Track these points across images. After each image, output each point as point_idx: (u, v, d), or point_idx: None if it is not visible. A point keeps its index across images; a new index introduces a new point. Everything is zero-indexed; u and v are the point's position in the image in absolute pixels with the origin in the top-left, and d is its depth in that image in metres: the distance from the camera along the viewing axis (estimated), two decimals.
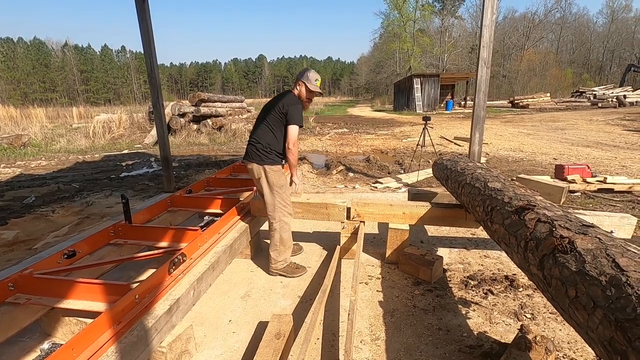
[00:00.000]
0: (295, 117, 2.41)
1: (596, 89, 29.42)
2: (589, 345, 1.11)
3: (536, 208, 1.63)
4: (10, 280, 1.78)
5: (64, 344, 1.30)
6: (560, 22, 53.43)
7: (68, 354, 1.29)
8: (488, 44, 4.06)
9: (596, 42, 56.51)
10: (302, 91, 2.52)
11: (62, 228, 3.83)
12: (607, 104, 24.44)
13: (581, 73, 50.53)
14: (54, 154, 9.24)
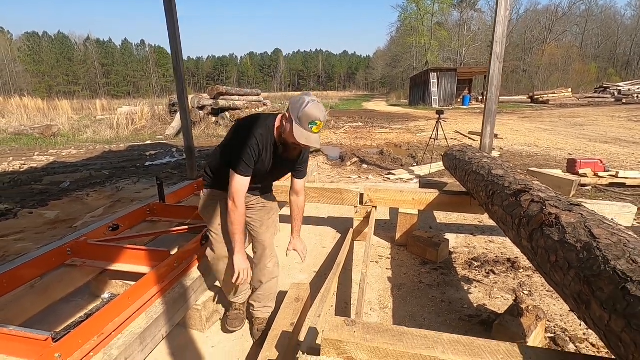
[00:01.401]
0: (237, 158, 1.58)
1: (621, 85, 28.48)
2: (564, 300, 1.30)
3: (532, 191, 1.80)
4: (68, 246, 2.07)
5: (122, 294, 1.57)
6: (586, 14, 51.58)
7: (125, 302, 1.56)
8: (501, 39, 4.16)
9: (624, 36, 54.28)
10: (286, 130, 1.57)
11: (97, 210, 4.17)
12: (633, 100, 23.69)
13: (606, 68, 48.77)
14: (82, 144, 9.74)
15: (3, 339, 1.30)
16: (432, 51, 40.33)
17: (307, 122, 1.49)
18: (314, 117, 1.49)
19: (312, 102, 1.50)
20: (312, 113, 1.48)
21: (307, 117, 1.48)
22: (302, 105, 1.49)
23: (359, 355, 1.19)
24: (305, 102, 1.49)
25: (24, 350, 1.28)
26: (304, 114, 1.48)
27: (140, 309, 1.59)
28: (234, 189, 1.58)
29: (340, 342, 1.20)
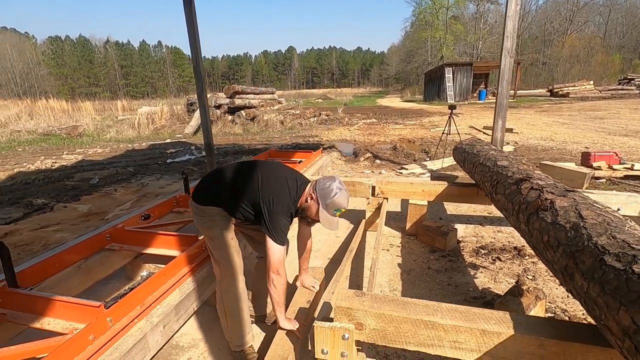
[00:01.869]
0: (280, 232, 1.59)
1: None
2: (554, 275, 1.43)
3: (532, 179, 1.92)
4: (107, 232, 2.31)
5: (158, 272, 1.78)
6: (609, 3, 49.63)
7: (162, 279, 1.77)
8: (512, 33, 4.21)
9: None
10: (311, 208, 1.67)
11: (125, 203, 4.45)
12: None
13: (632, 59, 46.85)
14: (107, 143, 10.18)
15: (64, 307, 1.53)
16: (447, 45, 39.77)
17: (333, 209, 1.63)
18: (340, 206, 1.64)
19: (340, 192, 1.63)
20: (340, 202, 1.63)
21: (334, 206, 1.62)
22: (331, 194, 1.61)
23: (367, 320, 1.36)
24: (334, 191, 1.62)
25: (81, 315, 1.49)
26: (332, 203, 1.61)
27: (174, 285, 1.80)
28: (276, 260, 1.58)
29: (351, 310, 1.37)
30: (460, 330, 1.25)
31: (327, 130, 11.09)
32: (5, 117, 14.86)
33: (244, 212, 1.70)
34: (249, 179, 1.70)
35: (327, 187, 1.63)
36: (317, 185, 1.67)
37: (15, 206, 4.50)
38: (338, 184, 1.65)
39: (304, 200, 1.69)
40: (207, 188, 1.77)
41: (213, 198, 1.71)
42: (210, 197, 1.72)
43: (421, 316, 1.30)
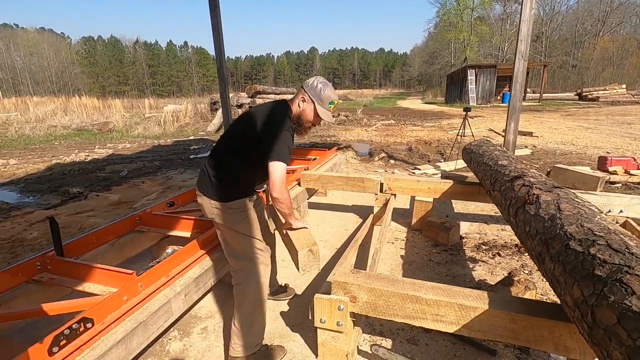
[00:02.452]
0: (280, 150, 1.61)
1: None
2: (532, 259, 1.56)
3: (525, 177, 2.04)
4: (137, 216, 2.59)
5: (181, 249, 2.02)
6: None
7: (184, 255, 2.00)
8: (526, 37, 4.26)
9: None
10: (306, 111, 1.77)
11: (152, 194, 4.79)
12: None
13: None
14: (135, 139, 10.73)
15: (102, 274, 1.79)
16: (471, 47, 39.09)
17: (327, 102, 1.77)
18: (333, 98, 1.79)
19: (327, 86, 1.78)
20: (331, 95, 1.78)
21: (328, 99, 1.77)
22: (322, 89, 1.75)
23: (361, 294, 1.54)
24: (323, 87, 1.76)
25: (116, 281, 1.74)
26: (325, 97, 1.76)
27: (195, 262, 2.03)
28: (280, 179, 1.63)
29: (346, 284, 1.55)
30: (441, 305, 1.42)
31: (345, 131, 11.26)
32: (42, 112, 15.84)
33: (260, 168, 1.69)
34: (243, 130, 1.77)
35: (316, 86, 1.76)
36: (305, 87, 1.78)
37: (54, 194, 4.92)
38: (322, 80, 1.80)
39: (297, 107, 1.78)
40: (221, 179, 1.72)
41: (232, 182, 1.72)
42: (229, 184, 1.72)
43: (407, 291, 1.47)
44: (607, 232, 1.24)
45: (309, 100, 1.76)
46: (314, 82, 1.78)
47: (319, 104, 1.75)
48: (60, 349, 1.32)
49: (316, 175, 3.54)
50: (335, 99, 1.80)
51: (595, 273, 1.07)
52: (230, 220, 1.73)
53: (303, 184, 3.54)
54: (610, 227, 1.29)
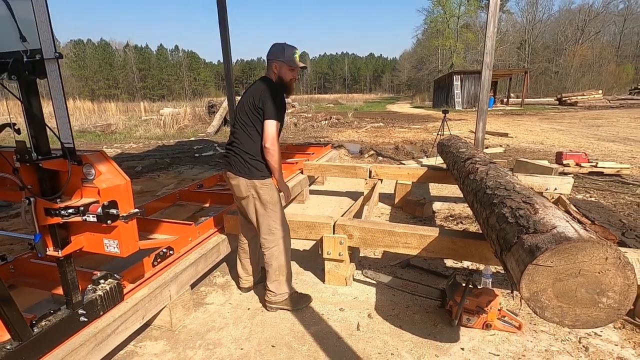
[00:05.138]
0: (270, 110, 1.96)
1: None
2: (470, 207, 2.30)
3: (474, 158, 2.80)
4: (177, 192, 3.27)
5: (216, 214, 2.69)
6: (624, 13, 49.63)
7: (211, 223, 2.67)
8: (491, 51, 5.07)
9: None
10: (282, 72, 2.10)
11: (169, 185, 5.43)
12: None
13: None
14: (138, 140, 11.30)
15: (172, 227, 2.47)
16: (457, 53, 40.45)
17: (292, 54, 2.09)
18: (293, 49, 2.10)
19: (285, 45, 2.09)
20: (290, 47, 2.10)
21: (290, 52, 2.08)
22: (283, 49, 2.07)
23: (355, 232, 2.26)
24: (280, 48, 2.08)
25: (182, 230, 2.41)
26: (288, 51, 2.08)
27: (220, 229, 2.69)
28: (273, 134, 1.97)
29: (345, 226, 2.27)
30: (408, 235, 2.14)
31: (337, 132, 12.01)
32: None
33: None
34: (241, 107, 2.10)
35: (276, 50, 2.09)
36: (270, 57, 2.11)
37: None
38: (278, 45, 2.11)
39: (274, 74, 2.11)
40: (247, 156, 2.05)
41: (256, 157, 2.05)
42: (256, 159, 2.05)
43: (386, 228, 2.20)
44: (508, 182, 2.00)
45: (279, 63, 2.08)
46: (273, 51, 2.10)
47: (288, 60, 2.08)
48: (158, 263, 2.00)
49: (316, 165, 4.26)
50: (296, 48, 2.12)
51: (493, 202, 1.81)
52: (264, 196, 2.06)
53: (305, 172, 4.25)
54: (511, 180, 2.04)
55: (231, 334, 1.98)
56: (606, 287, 1.20)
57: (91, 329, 1.53)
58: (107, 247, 1.43)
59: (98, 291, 1.60)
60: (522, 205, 1.59)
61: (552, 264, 1.21)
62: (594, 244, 1.18)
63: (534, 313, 1.27)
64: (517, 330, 1.91)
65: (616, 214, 3.71)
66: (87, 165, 1.34)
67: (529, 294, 1.26)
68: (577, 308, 1.24)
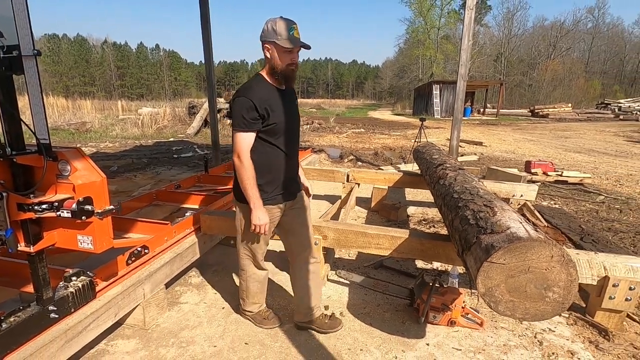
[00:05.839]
0: (235, 117, 1.64)
1: (622, 101, 29.12)
2: (439, 211, 2.42)
3: (445, 164, 2.93)
4: (154, 193, 3.25)
5: (194, 214, 2.71)
6: (592, 31, 52.51)
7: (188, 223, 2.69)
8: (465, 63, 5.29)
9: (631, 53, 54.91)
10: (275, 57, 1.64)
11: (146, 185, 5.35)
12: (629, 117, 24.43)
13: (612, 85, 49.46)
14: (114, 139, 11.02)
15: (147, 226, 2.46)
16: (437, 64, 41.57)
17: (287, 31, 1.57)
18: (288, 24, 1.58)
19: (276, 19, 1.59)
20: (283, 22, 1.58)
21: (283, 28, 1.57)
22: (272, 26, 1.58)
23: (329, 233, 2.33)
24: (271, 24, 1.59)
25: (158, 230, 2.41)
26: (279, 28, 1.57)
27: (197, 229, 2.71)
28: (239, 146, 1.63)
29: (320, 227, 2.34)
30: (380, 237, 2.23)
31: (318, 137, 12.12)
32: None
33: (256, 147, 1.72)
34: None
35: (265, 30, 1.62)
36: (261, 37, 1.65)
37: None
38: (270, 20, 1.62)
39: (267, 62, 1.68)
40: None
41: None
42: None
43: (359, 229, 2.28)
44: (473, 187, 2.12)
45: (270, 45, 1.62)
46: (264, 27, 1.63)
47: (280, 39, 1.58)
48: (132, 262, 2.00)
49: None
50: (293, 21, 1.62)
51: (458, 205, 1.93)
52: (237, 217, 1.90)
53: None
54: (477, 185, 2.17)
55: (205, 332, 2.00)
56: (552, 283, 1.32)
57: (62, 325, 1.53)
58: (80, 243, 1.44)
59: (70, 288, 1.60)
60: (483, 209, 1.71)
61: (504, 261, 1.32)
62: (542, 243, 1.29)
63: (489, 307, 1.38)
64: (479, 327, 2.02)
65: (577, 220, 3.94)
66: (63, 161, 1.36)
67: (484, 290, 1.36)
68: (527, 302, 1.35)
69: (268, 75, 1.72)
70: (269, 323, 2.05)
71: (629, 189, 5.43)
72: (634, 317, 2.15)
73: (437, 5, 41.93)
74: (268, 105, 1.65)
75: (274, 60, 1.66)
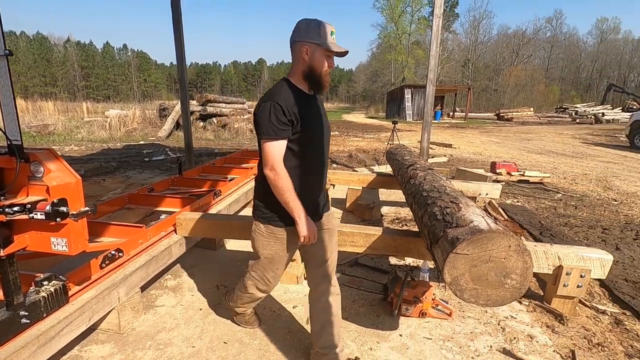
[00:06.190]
0: (262, 125, 1.47)
1: (578, 106, 31.02)
2: (410, 209, 2.54)
3: (415, 164, 3.07)
4: (126, 196, 3.18)
5: (173, 214, 2.69)
6: (551, 40, 55.86)
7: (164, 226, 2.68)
8: (434, 68, 5.53)
9: (586, 61, 58.90)
10: (315, 60, 1.52)
11: (116, 190, 5.19)
12: (585, 121, 26.15)
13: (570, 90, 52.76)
14: (80, 142, 10.57)
15: (121, 229, 2.42)
16: (409, 68, 42.72)
17: (330, 35, 1.51)
18: (330, 28, 1.52)
19: (320, 21, 1.52)
20: (327, 26, 1.51)
21: (326, 32, 1.50)
22: (317, 28, 1.50)
23: None
24: (316, 24, 1.51)
25: (132, 233, 2.38)
26: (323, 32, 1.49)
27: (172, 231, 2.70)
28: (271, 156, 1.46)
29: None
30: (355, 235, 2.31)
31: None
32: None
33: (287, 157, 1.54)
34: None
35: (310, 26, 1.51)
36: (298, 39, 1.52)
37: None
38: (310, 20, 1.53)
39: (302, 64, 1.53)
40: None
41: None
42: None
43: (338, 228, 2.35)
44: (441, 186, 2.25)
45: (310, 47, 1.50)
46: (304, 28, 1.51)
47: (324, 43, 1.49)
48: (106, 265, 1.97)
49: None
50: (333, 27, 1.54)
51: (427, 202, 2.04)
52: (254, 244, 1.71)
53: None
54: (444, 184, 2.30)
55: (182, 334, 2.00)
56: (510, 271, 1.44)
57: (34, 331, 1.49)
58: (54, 245, 1.42)
59: (41, 293, 1.56)
60: (449, 205, 1.83)
61: (468, 252, 1.43)
62: (500, 234, 1.42)
63: (455, 295, 1.48)
64: (448, 317, 2.15)
65: (537, 217, 4.22)
66: (35, 162, 1.34)
67: (450, 279, 1.47)
68: (489, 289, 1.47)
69: (298, 79, 1.57)
70: (249, 325, 2.04)
71: (584, 187, 5.85)
72: (585, 303, 2.35)
73: (408, 11, 43.18)
74: (297, 111, 1.49)
75: (313, 62, 1.52)
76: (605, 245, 3.37)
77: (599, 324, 2.17)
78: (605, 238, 3.59)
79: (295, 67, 1.56)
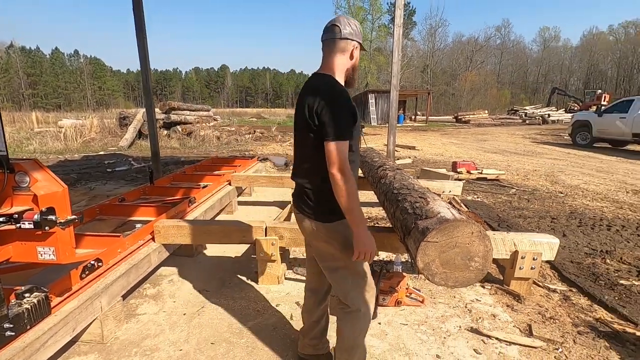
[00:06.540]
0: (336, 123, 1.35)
1: (527, 108, 33.37)
2: (382, 207, 2.72)
3: (385, 165, 3.27)
4: (97, 207, 3.11)
5: (145, 225, 2.68)
6: (501, 47, 59.83)
7: (141, 234, 2.67)
8: (396, 74, 5.82)
9: (532, 67, 63.67)
10: (357, 59, 1.56)
11: (80, 202, 4.98)
12: (534, 121, 28.21)
13: (519, 93, 56.70)
14: (32, 154, 9.92)
15: (98, 239, 2.39)
16: (372, 74, 43.94)
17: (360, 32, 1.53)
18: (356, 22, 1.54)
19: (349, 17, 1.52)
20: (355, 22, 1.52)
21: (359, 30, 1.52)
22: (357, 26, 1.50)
23: (285, 233, 2.49)
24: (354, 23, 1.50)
25: (108, 243, 2.35)
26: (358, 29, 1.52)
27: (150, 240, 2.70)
28: (341, 157, 1.35)
29: (276, 228, 2.48)
30: None
31: (262, 146, 12.16)
32: None
33: None
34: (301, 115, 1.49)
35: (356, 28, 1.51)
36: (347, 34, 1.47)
37: None
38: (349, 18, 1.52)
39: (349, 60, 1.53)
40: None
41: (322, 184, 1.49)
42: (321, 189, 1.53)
43: None
44: (410, 184, 2.44)
45: (358, 46, 1.52)
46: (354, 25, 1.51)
47: (361, 42, 1.54)
48: (86, 275, 1.96)
49: (244, 176, 4.39)
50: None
51: (398, 199, 2.21)
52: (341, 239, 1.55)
53: (233, 183, 4.35)
54: (412, 182, 2.50)
55: (169, 339, 2.02)
56: (474, 254, 1.63)
57: (19, 343, 1.48)
58: (41, 255, 1.43)
59: (24, 304, 1.55)
60: (418, 200, 2.01)
61: (437, 239, 1.61)
62: (464, 222, 1.60)
63: (427, 279, 1.65)
64: (421, 304, 2.33)
65: (494, 210, 4.58)
66: (21, 173, 1.35)
67: (422, 265, 1.63)
68: (456, 272, 1.65)
69: (340, 76, 1.53)
70: None
71: (535, 182, 6.39)
72: (538, 283, 2.63)
73: (369, 19, 44.48)
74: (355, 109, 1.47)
75: (356, 61, 1.56)
76: (554, 233, 3.74)
77: (550, 300, 2.44)
78: (554, 226, 3.98)
79: (340, 64, 1.51)
